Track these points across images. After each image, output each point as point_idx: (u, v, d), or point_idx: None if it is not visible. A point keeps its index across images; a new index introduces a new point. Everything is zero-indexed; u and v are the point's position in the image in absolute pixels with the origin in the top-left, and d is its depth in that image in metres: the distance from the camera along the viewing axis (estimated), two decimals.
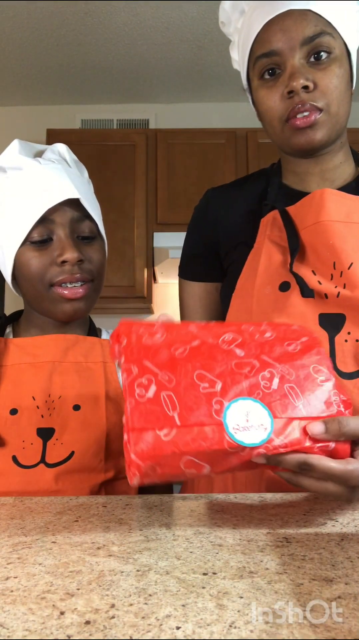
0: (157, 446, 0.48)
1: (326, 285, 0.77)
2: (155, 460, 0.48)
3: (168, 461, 0.49)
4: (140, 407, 0.50)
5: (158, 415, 0.50)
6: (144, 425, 0.49)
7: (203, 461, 0.50)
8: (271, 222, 0.83)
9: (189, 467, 0.50)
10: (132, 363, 0.53)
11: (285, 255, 0.81)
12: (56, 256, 0.83)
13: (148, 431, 0.49)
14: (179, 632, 0.36)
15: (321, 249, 0.77)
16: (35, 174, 0.85)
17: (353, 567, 0.48)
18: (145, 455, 0.48)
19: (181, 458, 0.49)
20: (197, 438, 0.49)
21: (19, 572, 0.47)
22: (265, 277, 0.81)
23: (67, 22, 2.60)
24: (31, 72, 3.01)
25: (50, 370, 0.84)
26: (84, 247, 0.86)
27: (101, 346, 0.90)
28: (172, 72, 3.03)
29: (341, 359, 0.76)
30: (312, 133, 0.77)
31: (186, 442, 0.49)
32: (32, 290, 0.85)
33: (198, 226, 0.97)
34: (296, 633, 0.36)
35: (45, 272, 0.83)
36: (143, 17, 2.58)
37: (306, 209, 0.80)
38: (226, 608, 0.40)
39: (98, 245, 0.89)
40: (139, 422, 0.49)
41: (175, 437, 0.49)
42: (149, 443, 0.48)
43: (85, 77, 3.07)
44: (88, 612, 0.39)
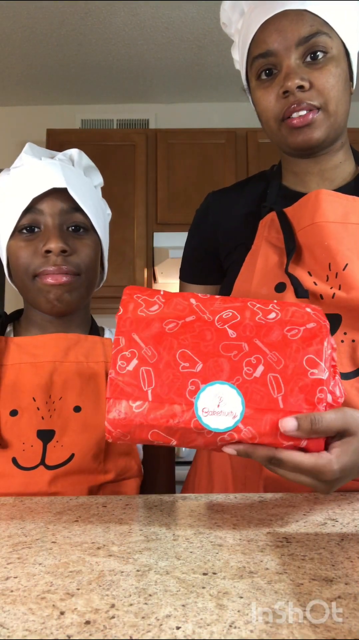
0: (128, 416, 0.52)
1: (321, 286, 0.77)
2: (125, 429, 0.52)
3: (137, 431, 0.52)
4: (119, 379, 0.53)
5: (133, 388, 0.52)
6: (119, 395, 0.52)
7: (170, 435, 0.52)
8: (269, 223, 0.83)
9: (156, 439, 0.53)
10: (121, 335, 0.55)
11: (282, 256, 0.81)
12: (41, 246, 0.83)
13: (122, 401, 0.52)
14: (179, 632, 0.36)
15: (317, 250, 0.77)
16: (31, 168, 0.86)
17: (353, 567, 0.48)
18: (116, 423, 0.52)
19: (149, 430, 0.52)
20: (166, 415, 0.51)
21: (19, 572, 0.47)
22: (262, 278, 0.82)
23: (67, 22, 2.60)
24: (31, 72, 3.01)
25: (51, 370, 0.84)
26: (73, 240, 0.85)
27: (103, 345, 0.89)
28: (172, 72, 3.03)
29: (339, 359, 0.76)
30: (309, 132, 0.77)
31: (155, 417, 0.51)
32: (19, 281, 0.86)
33: (199, 229, 0.97)
34: (296, 633, 0.36)
35: (30, 262, 0.83)
36: (143, 17, 2.58)
37: (303, 210, 0.80)
38: (226, 608, 0.40)
39: (89, 239, 0.88)
40: (115, 392, 0.52)
41: (146, 411, 0.52)
42: (121, 412, 0.52)
43: (85, 77, 3.07)
44: (88, 612, 0.39)
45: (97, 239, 0.90)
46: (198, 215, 0.99)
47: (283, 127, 0.79)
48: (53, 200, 0.84)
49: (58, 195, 0.84)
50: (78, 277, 0.85)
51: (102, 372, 0.86)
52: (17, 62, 2.92)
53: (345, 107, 0.79)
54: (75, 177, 0.87)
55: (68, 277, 0.83)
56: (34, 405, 0.81)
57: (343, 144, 0.85)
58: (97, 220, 0.89)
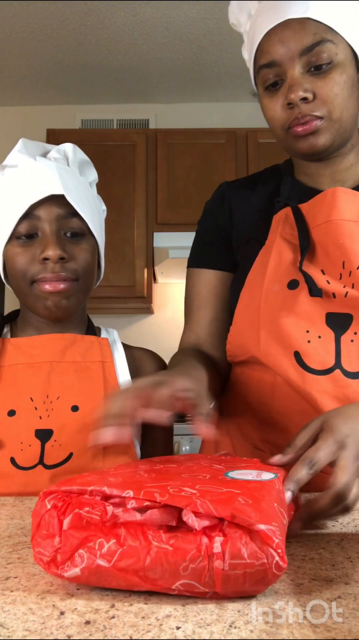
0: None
1: (334, 284, 0.77)
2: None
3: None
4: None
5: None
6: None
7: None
8: (283, 219, 0.83)
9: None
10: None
11: (296, 253, 0.81)
12: (39, 253, 0.82)
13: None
14: (179, 632, 0.36)
15: (331, 248, 0.77)
16: (27, 171, 0.84)
17: (353, 567, 0.48)
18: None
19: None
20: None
21: (19, 572, 0.47)
22: (275, 275, 0.81)
23: (67, 22, 2.60)
24: (31, 72, 3.01)
25: (48, 370, 0.84)
26: (70, 245, 0.84)
27: (99, 345, 0.89)
28: (172, 72, 3.03)
29: (346, 358, 0.76)
30: (314, 139, 0.77)
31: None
32: (17, 286, 0.86)
33: (212, 214, 0.96)
34: (296, 633, 0.36)
35: (27, 269, 0.82)
36: (143, 17, 2.58)
37: (318, 207, 0.80)
38: (226, 608, 0.40)
39: (86, 244, 0.87)
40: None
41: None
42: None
43: (85, 77, 3.07)
44: (88, 612, 0.39)
45: (94, 243, 0.89)
46: (212, 201, 0.98)
47: (289, 134, 0.79)
48: (50, 206, 0.83)
49: (55, 201, 0.83)
50: (76, 283, 0.85)
51: (98, 371, 0.86)
52: (17, 62, 2.92)
53: (352, 111, 0.78)
54: (71, 179, 0.87)
55: (66, 284, 0.83)
56: (31, 405, 0.81)
57: (354, 145, 0.84)
58: (93, 223, 0.88)
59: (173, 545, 0.41)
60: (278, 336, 0.79)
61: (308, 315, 0.78)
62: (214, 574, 0.40)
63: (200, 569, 0.40)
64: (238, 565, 0.40)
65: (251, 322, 0.83)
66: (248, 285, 0.85)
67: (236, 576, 0.40)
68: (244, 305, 0.85)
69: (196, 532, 0.42)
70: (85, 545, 0.43)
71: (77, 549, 0.43)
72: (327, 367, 0.77)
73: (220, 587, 0.40)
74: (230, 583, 0.40)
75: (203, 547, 0.41)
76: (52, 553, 0.44)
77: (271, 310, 0.80)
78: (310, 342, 0.77)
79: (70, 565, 0.43)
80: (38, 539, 0.45)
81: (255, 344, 0.81)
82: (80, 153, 0.92)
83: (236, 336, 0.86)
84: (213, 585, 0.40)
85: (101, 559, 0.42)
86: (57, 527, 0.45)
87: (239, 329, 0.86)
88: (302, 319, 0.78)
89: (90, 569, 0.42)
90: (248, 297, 0.85)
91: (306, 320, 0.78)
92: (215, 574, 0.40)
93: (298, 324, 0.78)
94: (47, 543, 0.44)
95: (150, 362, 0.96)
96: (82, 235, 0.86)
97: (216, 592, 0.41)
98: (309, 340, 0.77)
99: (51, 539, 0.44)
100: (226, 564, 0.40)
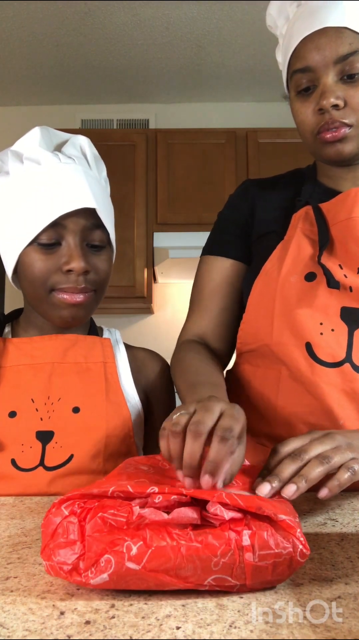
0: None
1: (352, 278, 0.79)
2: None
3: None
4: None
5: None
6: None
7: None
8: (303, 216, 0.86)
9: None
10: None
11: (315, 247, 0.83)
12: (62, 263, 0.81)
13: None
14: (179, 632, 0.36)
15: (351, 244, 0.79)
16: (53, 173, 0.81)
17: (353, 567, 0.48)
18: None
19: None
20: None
21: (19, 572, 0.47)
22: (292, 266, 0.83)
23: (67, 22, 2.60)
24: (31, 72, 3.01)
25: (50, 371, 0.83)
26: (92, 256, 0.84)
27: (101, 345, 0.89)
28: (172, 72, 3.03)
29: (357, 353, 0.78)
30: (341, 146, 0.80)
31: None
32: (32, 291, 0.84)
33: (235, 206, 0.97)
34: (296, 633, 0.36)
35: (48, 277, 0.81)
36: (143, 17, 2.58)
37: (340, 205, 0.82)
38: (226, 608, 0.40)
39: (106, 254, 0.86)
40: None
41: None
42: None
43: (85, 77, 3.07)
44: (88, 612, 0.39)
45: (112, 253, 0.89)
46: (235, 195, 0.99)
47: (317, 140, 0.81)
48: (77, 217, 0.81)
49: (82, 211, 0.81)
50: (94, 294, 0.85)
51: (100, 372, 0.86)
52: (17, 62, 2.92)
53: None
54: (98, 188, 0.84)
55: (85, 296, 0.82)
56: (32, 406, 0.81)
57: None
58: (112, 232, 0.88)
59: (202, 542, 0.42)
60: (292, 326, 0.80)
61: (324, 308, 0.79)
62: (245, 566, 0.42)
63: (231, 562, 0.42)
64: (267, 556, 0.42)
65: (265, 311, 0.84)
66: (264, 275, 0.86)
67: (266, 566, 0.42)
68: (258, 294, 0.86)
69: (223, 527, 0.44)
70: (111, 549, 0.42)
71: (102, 554, 0.42)
72: (337, 360, 0.78)
73: (250, 579, 0.42)
74: (259, 574, 0.42)
75: (232, 541, 0.43)
76: (74, 561, 0.43)
77: (287, 300, 0.81)
78: (323, 334, 0.78)
79: (96, 572, 0.42)
80: (55, 548, 0.44)
81: (267, 332, 0.83)
82: (93, 149, 0.90)
83: (249, 323, 0.87)
84: (244, 577, 0.42)
85: (130, 562, 0.41)
86: (78, 533, 0.44)
87: (252, 316, 0.87)
88: (317, 311, 0.79)
89: (119, 573, 0.41)
90: (263, 286, 0.86)
91: (321, 313, 0.79)
92: (246, 565, 0.42)
93: (313, 316, 0.79)
94: (66, 552, 0.43)
95: (152, 363, 0.96)
96: (102, 247, 0.85)
97: (244, 584, 0.42)
98: (322, 332, 0.79)
99: (71, 546, 0.44)
100: (256, 555, 0.42)
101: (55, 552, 0.44)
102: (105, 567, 0.42)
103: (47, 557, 0.44)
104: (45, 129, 0.86)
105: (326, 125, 0.78)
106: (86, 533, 0.44)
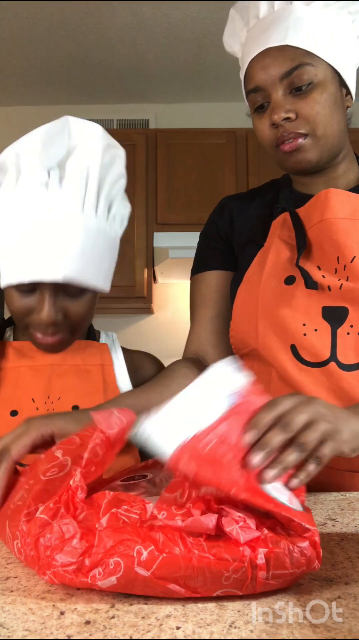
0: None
1: (329, 278, 0.80)
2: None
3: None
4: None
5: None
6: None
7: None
8: (281, 223, 0.87)
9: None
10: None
11: (293, 252, 0.84)
12: (36, 308, 0.78)
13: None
14: (179, 632, 0.36)
15: (326, 245, 0.81)
16: (36, 220, 0.74)
17: (353, 567, 0.48)
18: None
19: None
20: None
21: (19, 572, 0.47)
22: (272, 272, 0.85)
23: (67, 22, 2.60)
24: (31, 72, 3.01)
25: (49, 372, 0.85)
26: (68, 303, 0.80)
27: (99, 350, 0.91)
28: (172, 72, 3.02)
29: (342, 351, 0.78)
30: (301, 156, 0.82)
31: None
32: (14, 319, 0.84)
33: (214, 224, 1.00)
34: (296, 633, 0.36)
35: (24, 316, 0.80)
36: (143, 17, 2.57)
37: (313, 209, 0.84)
38: (226, 608, 0.40)
39: (85, 299, 0.81)
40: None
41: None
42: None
43: (85, 77, 3.06)
44: (88, 612, 0.39)
45: (94, 295, 0.84)
46: (214, 214, 1.02)
47: (278, 152, 0.85)
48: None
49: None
50: (69, 332, 0.82)
51: (98, 374, 0.87)
52: (17, 62, 2.92)
53: (336, 127, 0.82)
54: (85, 239, 0.76)
55: (57, 337, 0.81)
56: (33, 405, 0.82)
57: (345, 155, 0.89)
58: (98, 279, 0.80)
59: (216, 555, 0.41)
60: (276, 330, 0.82)
61: (305, 309, 0.81)
62: (257, 583, 0.41)
63: (243, 578, 0.41)
64: (281, 575, 0.42)
65: (249, 317, 0.86)
66: (246, 282, 0.89)
67: (276, 583, 0.42)
68: (241, 301, 0.88)
69: (238, 543, 0.42)
70: (121, 552, 0.41)
71: (112, 552, 0.41)
72: (322, 359, 0.79)
73: (259, 591, 0.42)
74: (268, 587, 0.42)
75: (247, 558, 0.41)
76: (78, 558, 0.41)
77: (269, 305, 0.83)
78: (306, 335, 0.80)
79: (104, 574, 0.40)
80: (52, 551, 0.42)
81: (253, 337, 0.85)
82: (108, 155, 0.80)
83: (236, 330, 0.89)
84: (254, 590, 0.42)
85: (139, 567, 0.40)
86: (75, 528, 0.43)
87: (238, 323, 0.89)
88: (299, 312, 0.81)
89: (128, 578, 0.40)
90: (246, 293, 0.88)
91: (302, 314, 0.81)
92: (258, 583, 0.41)
93: (295, 318, 0.81)
94: (70, 550, 0.42)
95: (149, 365, 0.97)
96: (81, 292, 0.80)
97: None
98: (306, 333, 0.80)
99: (69, 542, 0.42)
100: (270, 574, 0.42)
101: (53, 551, 0.42)
102: (114, 570, 0.40)
103: (47, 565, 0.42)
104: (60, 130, 0.78)
105: (282, 137, 0.82)
106: (98, 528, 0.43)
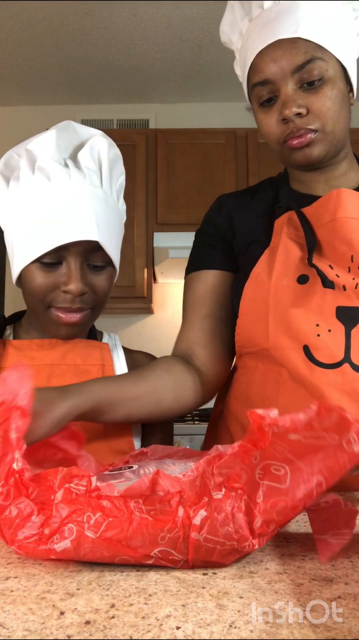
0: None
1: (344, 277, 0.79)
2: None
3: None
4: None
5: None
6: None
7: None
8: (286, 222, 0.86)
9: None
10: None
11: (303, 251, 0.83)
12: (61, 282, 0.81)
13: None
14: (179, 632, 0.36)
15: (338, 244, 0.80)
16: (61, 194, 0.80)
17: (353, 567, 0.48)
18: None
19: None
20: None
21: (19, 572, 0.47)
22: (283, 270, 0.83)
23: (67, 22, 2.60)
24: (31, 72, 3.01)
25: (48, 373, 0.84)
26: (92, 276, 0.83)
27: (100, 349, 0.90)
28: (172, 72, 3.03)
29: (356, 352, 0.77)
30: (309, 151, 0.81)
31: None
32: (31, 304, 0.85)
33: (211, 223, 0.97)
34: (296, 633, 0.36)
35: (47, 294, 0.82)
36: (143, 17, 2.58)
37: (323, 208, 0.82)
38: (226, 608, 0.40)
39: (107, 273, 0.86)
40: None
41: None
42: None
43: (85, 77, 3.07)
44: (88, 612, 0.39)
45: (113, 272, 0.88)
46: (211, 212, 0.98)
47: (284, 147, 0.82)
48: (80, 241, 0.80)
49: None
50: (91, 311, 0.85)
51: (98, 374, 0.87)
52: (17, 62, 2.92)
53: (343, 123, 0.82)
54: (105, 213, 0.83)
55: (81, 315, 0.83)
56: None
57: (347, 154, 0.88)
58: (117, 254, 0.87)
59: (154, 516, 0.46)
60: (288, 330, 0.80)
61: (319, 309, 0.79)
62: (189, 544, 0.45)
63: (176, 538, 0.46)
64: (211, 541, 0.46)
65: (259, 315, 0.83)
66: (253, 279, 0.86)
67: (210, 548, 0.46)
68: (249, 299, 0.86)
69: (175, 503, 0.47)
70: (73, 519, 0.47)
71: (67, 521, 0.47)
72: (336, 360, 0.77)
73: (192, 554, 0.46)
74: (202, 553, 0.46)
75: (179, 519, 0.46)
76: (38, 529, 0.47)
77: (281, 304, 0.81)
78: (320, 336, 0.78)
79: (60, 539, 0.46)
80: (15, 529, 0.48)
81: (263, 336, 0.82)
82: (113, 148, 0.87)
83: (244, 329, 0.87)
84: (186, 552, 0.46)
85: (89, 531, 0.46)
86: (30, 507, 0.48)
87: (246, 321, 0.86)
88: (312, 312, 0.79)
89: (79, 541, 0.46)
90: (254, 291, 0.85)
91: (316, 314, 0.79)
92: (190, 544, 0.45)
93: (308, 318, 0.79)
94: (30, 525, 0.48)
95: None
96: (103, 267, 0.85)
97: (187, 560, 0.46)
98: (319, 334, 0.78)
99: (28, 518, 0.48)
100: (202, 536, 0.45)
101: (16, 534, 0.48)
102: (68, 535, 0.46)
103: (12, 539, 0.48)
104: (66, 129, 0.84)
105: (292, 133, 0.80)
106: (55, 501, 0.48)
